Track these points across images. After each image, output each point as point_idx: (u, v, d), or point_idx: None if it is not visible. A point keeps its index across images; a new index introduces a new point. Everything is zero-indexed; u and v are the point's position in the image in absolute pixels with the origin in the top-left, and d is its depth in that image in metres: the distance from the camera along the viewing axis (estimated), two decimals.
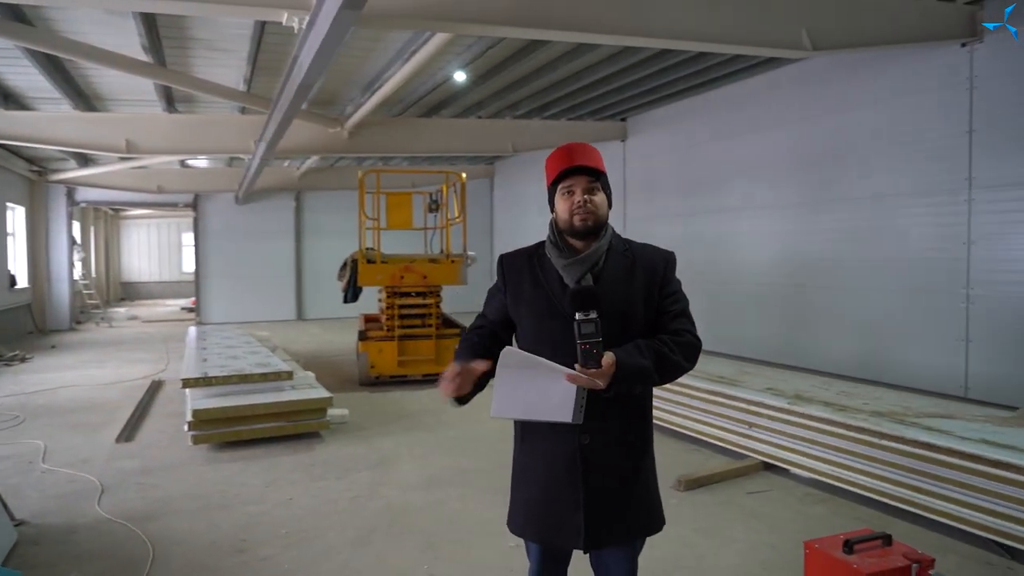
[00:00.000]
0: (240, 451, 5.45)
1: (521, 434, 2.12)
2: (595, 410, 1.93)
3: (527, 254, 2.16)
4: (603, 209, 2.03)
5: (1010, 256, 6.53)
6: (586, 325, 1.83)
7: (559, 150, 2.06)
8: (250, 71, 7.94)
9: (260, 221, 16.54)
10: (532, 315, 2.06)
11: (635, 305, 2.02)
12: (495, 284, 2.21)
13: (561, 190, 2.04)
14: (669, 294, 2.08)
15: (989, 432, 3.82)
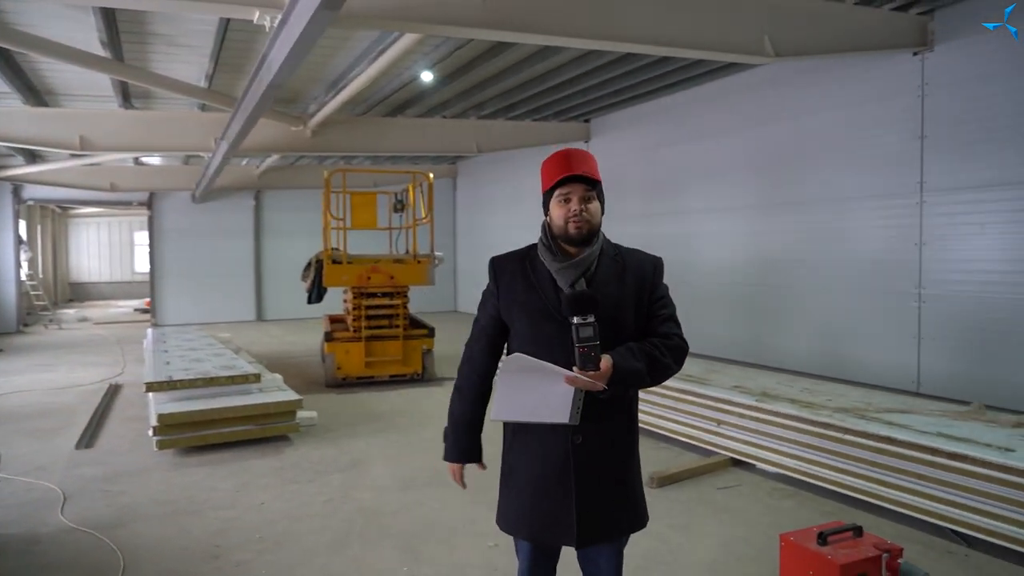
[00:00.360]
0: (207, 455, 5.35)
1: (512, 435, 2.15)
2: (588, 411, 1.98)
3: (519, 257, 2.19)
4: (597, 217, 2.08)
5: (959, 257, 6.82)
6: (584, 329, 1.88)
7: (557, 156, 2.09)
8: (212, 68, 7.78)
9: (218, 220, 16.20)
10: (526, 317, 2.09)
11: (626, 309, 2.07)
12: (487, 287, 2.23)
13: (557, 197, 2.07)
14: (658, 298, 2.15)
15: (945, 426, 3.99)
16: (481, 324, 2.22)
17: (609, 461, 2.09)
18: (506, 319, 2.15)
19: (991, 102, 6.42)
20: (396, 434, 6.00)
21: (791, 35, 6.26)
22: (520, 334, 2.11)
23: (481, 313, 2.23)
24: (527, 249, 2.21)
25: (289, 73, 4.78)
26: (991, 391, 6.41)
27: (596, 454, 2.05)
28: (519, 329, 2.11)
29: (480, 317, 2.24)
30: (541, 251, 2.12)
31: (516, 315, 2.11)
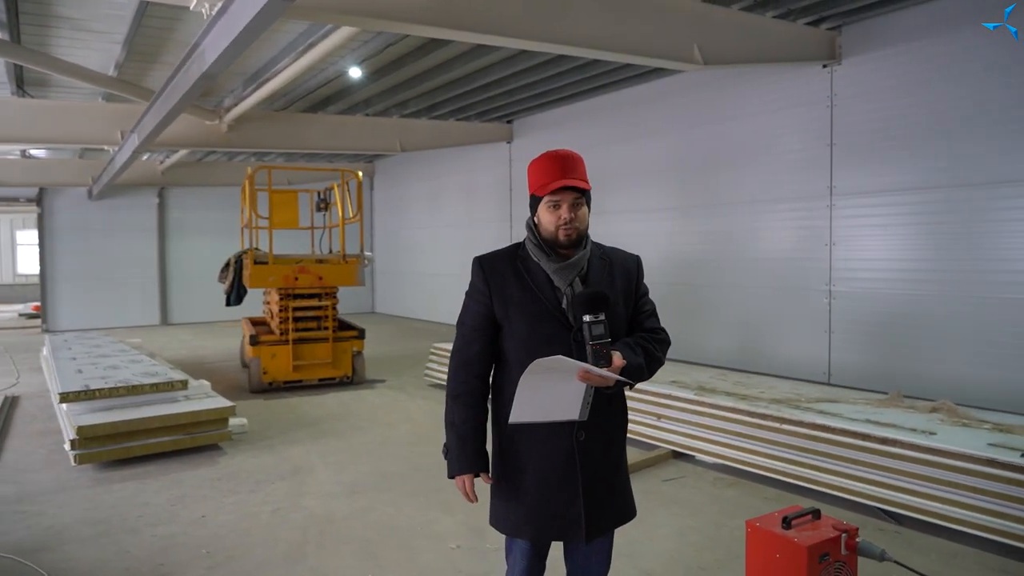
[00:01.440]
0: (132, 469, 5.02)
1: (509, 436, 2.12)
2: (591, 407, 2.01)
3: (507, 256, 2.18)
4: (585, 223, 2.14)
5: (864, 256, 7.34)
6: (596, 327, 1.92)
7: (549, 160, 2.10)
8: (123, 55, 7.30)
9: (118, 219, 15.19)
10: (524, 317, 2.08)
11: (618, 306, 2.14)
12: (473, 287, 2.18)
13: (547, 202, 2.08)
14: (643, 295, 2.26)
15: (872, 413, 4.30)
16: (472, 326, 2.17)
17: (608, 454, 2.14)
18: (500, 319, 2.12)
19: (893, 112, 6.95)
20: (335, 439, 5.84)
21: (718, 44, 6.54)
22: (517, 335, 2.10)
23: (469, 315, 2.18)
24: (513, 249, 2.21)
25: (227, 63, 4.55)
26: (894, 380, 6.91)
27: (597, 448, 2.09)
28: (516, 330, 2.09)
29: (468, 319, 2.18)
30: (533, 251, 2.13)
31: (513, 316, 2.10)
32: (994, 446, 3.59)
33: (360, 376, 8.16)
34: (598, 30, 5.94)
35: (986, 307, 6.29)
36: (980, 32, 6.16)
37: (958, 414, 4.15)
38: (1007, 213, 6.22)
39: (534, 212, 2.14)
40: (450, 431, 2.14)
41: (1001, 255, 6.22)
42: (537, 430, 2.05)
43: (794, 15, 6.94)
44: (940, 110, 6.53)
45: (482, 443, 2.14)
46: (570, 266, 2.08)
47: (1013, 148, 6.05)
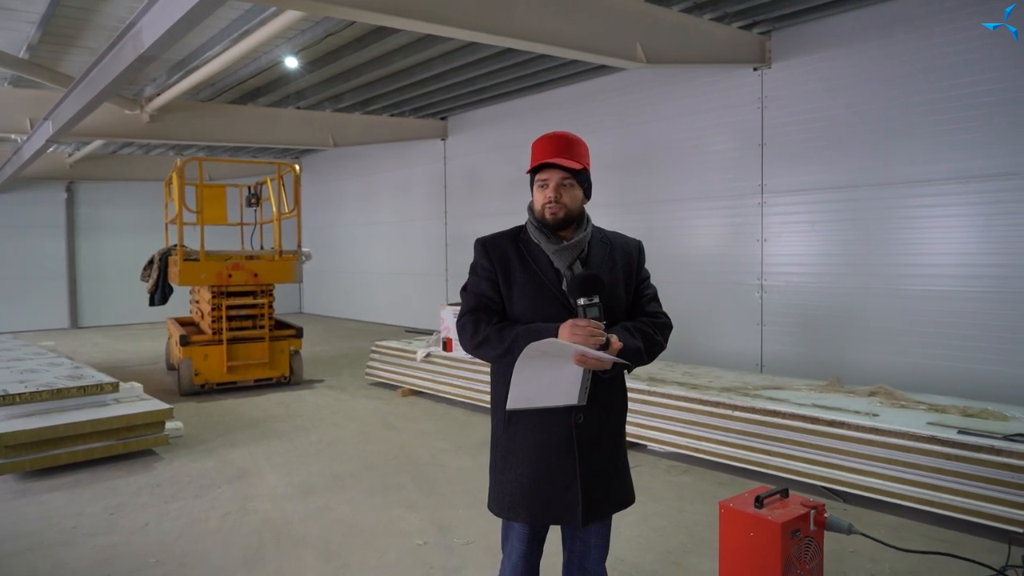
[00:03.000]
0: (60, 478, 4.67)
1: (507, 419, 2.11)
2: (590, 392, 2.01)
3: (510, 237, 2.19)
4: (576, 204, 2.12)
5: (791, 251, 7.67)
6: (591, 309, 1.94)
7: (543, 139, 2.11)
8: (37, 37, 6.79)
9: (19, 215, 14.14)
10: (526, 297, 2.08)
11: (618, 289, 2.15)
12: (478, 265, 2.17)
13: (537, 181, 2.11)
14: (644, 279, 2.28)
15: (817, 398, 4.49)
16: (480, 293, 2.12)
17: (607, 439, 2.14)
18: (505, 298, 2.12)
19: (820, 114, 7.30)
20: (279, 441, 5.62)
21: (660, 44, 6.69)
22: (519, 314, 2.09)
23: (476, 287, 2.15)
24: (515, 231, 2.21)
25: (168, 44, 4.29)
26: (823, 370, 7.26)
27: (596, 433, 2.09)
28: (520, 310, 2.09)
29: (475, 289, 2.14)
30: (534, 233, 2.13)
31: (516, 295, 2.10)
32: (933, 424, 3.82)
33: (298, 376, 7.90)
34: (545, 25, 5.97)
35: (906, 299, 6.69)
36: (904, 38, 6.56)
37: (895, 396, 4.39)
38: (925, 211, 6.63)
39: (531, 191, 2.17)
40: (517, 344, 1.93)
41: (919, 250, 6.63)
42: (535, 413, 2.04)
43: (729, 18, 7.19)
44: (864, 112, 6.91)
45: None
46: (570, 247, 2.08)
47: (931, 149, 6.46)
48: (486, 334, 2.04)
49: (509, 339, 1.99)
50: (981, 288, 6.16)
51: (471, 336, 2.07)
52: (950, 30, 6.17)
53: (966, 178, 6.24)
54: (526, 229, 2.17)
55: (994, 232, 6.13)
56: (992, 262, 6.12)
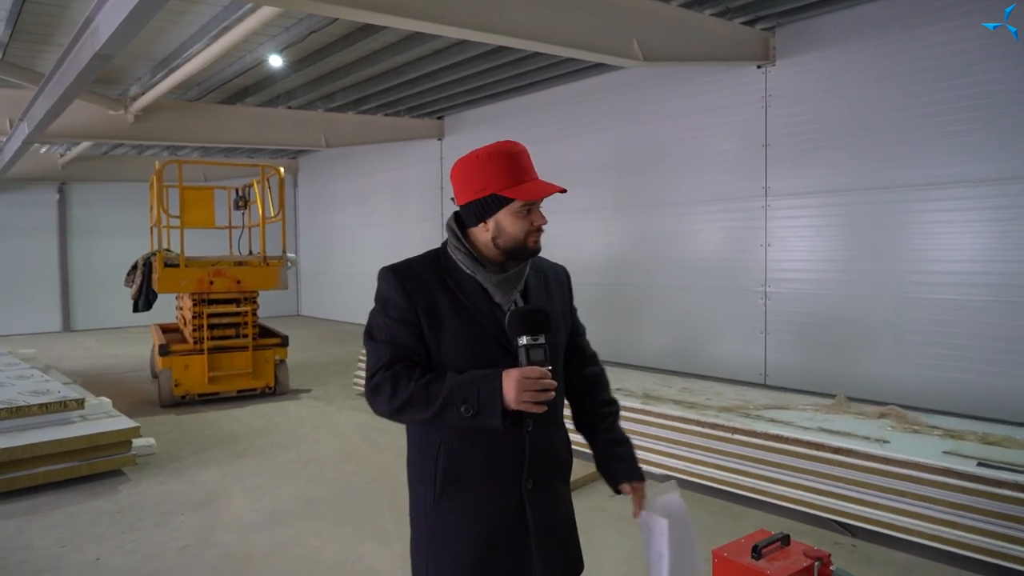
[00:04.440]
0: (17, 503, 4.41)
1: (439, 492, 1.71)
2: (537, 455, 1.74)
3: (431, 268, 1.76)
4: None
5: (797, 257, 7.36)
6: (535, 351, 1.62)
7: (515, 156, 1.74)
8: (8, 35, 6.54)
9: (11, 216, 13.89)
10: (460, 344, 1.68)
11: (561, 326, 1.88)
12: (390, 303, 1.72)
13: (522, 206, 1.71)
14: (574, 310, 2.02)
15: (822, 420, 4.18)
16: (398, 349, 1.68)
17: (557, 500, 1.83)
18: (431, 345, 1.69)
19: (826, 114, 6.98)
20: (254, 459, 5.35)
21: (658, 41, 6.39)
22: (452, 363, 1.68)
23: (388, 338, 1.70)
24: (433, 257, 1.79)
25: (123, 42, 4.02)
26: (830, 381, 6.96)
27: (547, 496, 1.77)
28: (453, 360, 1.68)
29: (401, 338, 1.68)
30: (463, 261, 1.73)
31: (448, 342, 1.69)
32: (948, 454, 3.52)
33: (283, 386, 7.63)
34: (537, 21, 5.68)
35: (917, 308, 6.37)
36: (913, 36, 6.23)
37: (907, 420, 4.08)
38: (934, 215, 6.31)
39: (484, 216, 1.72)
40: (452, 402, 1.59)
41: (931, 256, 6.31)
42: (479, 483, 1.70)
43: (731, 14, 6.87)
44: (874, 112, 6.58)
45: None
46: (514, 277, 1.75)
47: (944, 151, 6.14)
48: (409, 393, 1.63)
49: (441, 396, 1.60)
50: (996, 297, 5.84)
51: (388, 398, 1.65)
52: (973, 23, 5.81)
53: (979, 181, 5.91)
54: (448, 256, 1.77)
55: (1009, 238, 5.80)
56: (1007, 270, 5.80)
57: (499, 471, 1.70)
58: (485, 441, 1.69)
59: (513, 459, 1.71)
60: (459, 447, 1.71)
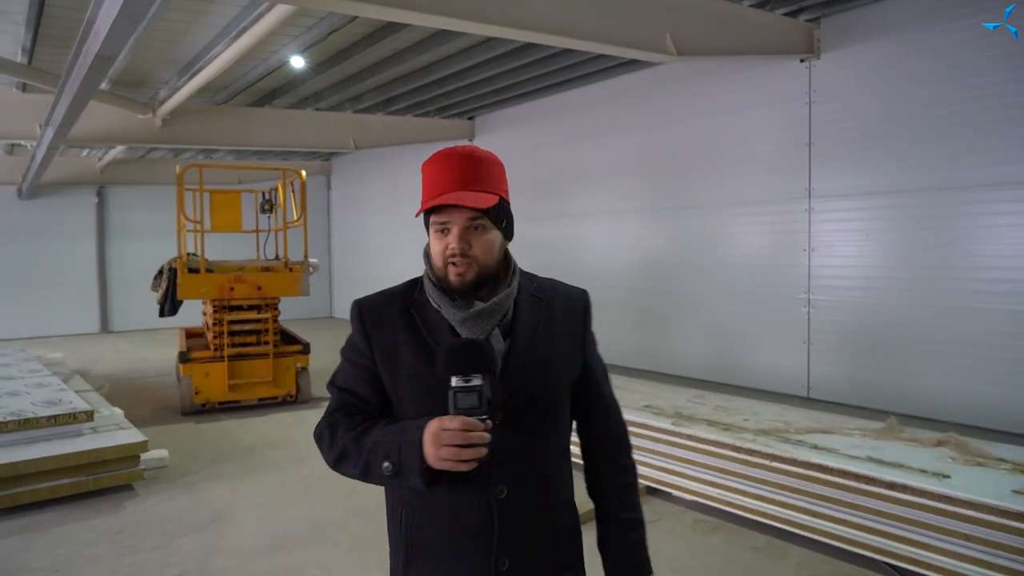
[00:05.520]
0: (20, 519, 4.28)
1: (405, 561, 1.46)
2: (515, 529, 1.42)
3: (397, 300, 1.50)
4: (493, 253, 1.43)
5: (844, 262, 6.90)
6: (465, 396, 1.29)
7: (440, 163, 1.43)
8: (31, 39, 6.50)
9: (53, 219, 14.15)
10: (418, 393, 1.42)
11: (559, 370, 1.50)
12: (350, 344, 1.53)
13: (434, 224, 1.42)
14: (592, 350, 1.61)
15: (872, 448, 3.79)
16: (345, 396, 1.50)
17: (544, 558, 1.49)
18: (389, 391, 1.47)
19: (874, 110, 6.52)
20: (267, 473, 5.16)
21: (692, 34, 6.03)
22: (412, 411, 1.42)
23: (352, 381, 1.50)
24: (407, 288, 1.53)
25: (119, 43, 3.86)
26: (878, 396, 6.51)
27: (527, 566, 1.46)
28: (411, 407, 1.42)
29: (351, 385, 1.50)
30: (431, 292, 1.46)
31: (404, 389, 1.44)
32: (1019, 493, 3.10)
33: (305, 394, 7.46)
34: (563, 16, 5.38)
35: (974, 317, 5.89)
36: (968, 26, 5.75)
37: (969, 450, 3.66)
38: (994, 218, 5.82)
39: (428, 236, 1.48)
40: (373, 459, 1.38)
41: (990, 262, 5.83)
42: (445, 549, 1.42)
43: (772, 4, 6.47)
44: (927, 107, 6.11)
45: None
46: (485, 314, 1.41)
47: (1000, 149, 5.66)
48: (342, 446, 1.42)
49: (365, 450, 1.38)
50: None
51: (328, 449, 1.45)
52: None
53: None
54: (422, 286, 1.50)
55: None
56: None
57: (465, 545, 1.40)
58: (447, 507, 1.41)
59: (479, 532, 1.39)
60: (420, 512, 1.44)
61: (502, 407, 1.39)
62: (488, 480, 1.39)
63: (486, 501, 1.39)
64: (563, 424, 1.53)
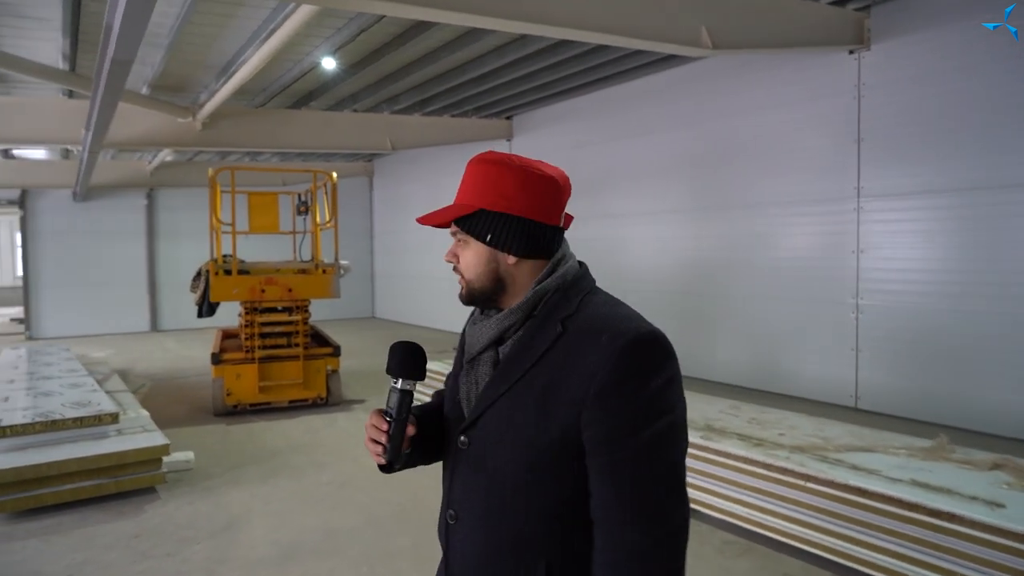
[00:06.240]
0: (44, 520, 4.32)
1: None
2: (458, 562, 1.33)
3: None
4: (473, 269, 1.28)
5: (896, 265, 6.51)
6: (391, 395, 1.31)
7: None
8: (70, 46, 6.63)
9: (105, 221, 14.61)
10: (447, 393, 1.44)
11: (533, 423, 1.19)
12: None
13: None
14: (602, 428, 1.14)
15: (917, 469, 3.48)
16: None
17: None
18: None
19: (929, 104, 6.12)
20: (287, 479, 5.10)
21: (729, 27, 5.74)
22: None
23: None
24: None
25: (131, 45, 3.84)
26: (932, 407, 6.12)
27: None
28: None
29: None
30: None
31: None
32: None
33: (336, 397, 7.43)
34: (592, 11, 5.18)
35: None
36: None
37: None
38: None
39: None
40: None
41: None
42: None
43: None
44: (986, 100, 5.70)
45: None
46: (488, 326, 1.30)
47: None
48: None
49: None
50: None
51: None
52: None
53: None
54: None
55: None
56: None
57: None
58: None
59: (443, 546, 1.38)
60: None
61: (465, 432, 1.30)
62: (447, 501, 1.35)
63: (444, 519, 1.36)
64: (554, 486, 1.20)
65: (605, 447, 1.13)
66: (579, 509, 1.19)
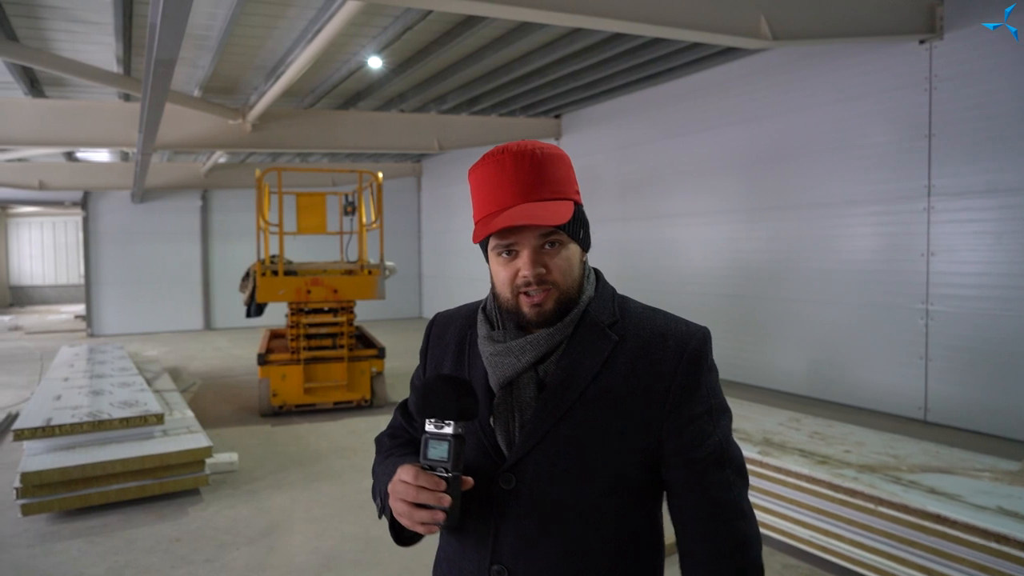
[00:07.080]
0: (89, 520, 4.33)
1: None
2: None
3: (463, 321, 1.29)
4: (573, 272, 1.13)
5: (968, 269, 6.09)
6: (435, 446, 1.06)
7: (491, 168, 1.11)
8: (123, 49, 6.73)
9: (161, 222, 15.01)
10: None
11: (609, 440, 1.10)
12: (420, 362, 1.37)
13: (495, 247, 1.13)
14: (690, 424, 1.11)
15: (1004, 496, 3.17)
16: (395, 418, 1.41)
17: None
18: None
19: (1006, 96, 5.69)
20: (329, 483, 5.03)
21: (790, 16, 5.45)
22: None
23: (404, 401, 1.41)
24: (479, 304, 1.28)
25: (173, 44, 3.81)
26: (1010, 422, 5.69)
27: None
28: None
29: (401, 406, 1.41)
30: (480, 320, 1.22)
31: None
32: None
33: (380, 399, 7.38)
34: (649, 2, 4.97)
35: None
36: None
37: None
38: None
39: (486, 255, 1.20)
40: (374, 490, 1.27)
41: None
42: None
43: None
44: None
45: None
46: (519, 350, 1.11)
47: None
48: (374, 472, 1.31)
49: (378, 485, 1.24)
50: None
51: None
52: None
53: None
54: (485, 308, 1.24)
55: None
56: None
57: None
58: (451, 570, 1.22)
59: None
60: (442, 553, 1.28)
61: (512, 470, 1.11)
62: (491, 556, 1.13)
63: (486, 569, 1.14)
64: (624, 515, 1.14)
65: (696, 450, 1.11)
66: (656, 523, 1.20)
